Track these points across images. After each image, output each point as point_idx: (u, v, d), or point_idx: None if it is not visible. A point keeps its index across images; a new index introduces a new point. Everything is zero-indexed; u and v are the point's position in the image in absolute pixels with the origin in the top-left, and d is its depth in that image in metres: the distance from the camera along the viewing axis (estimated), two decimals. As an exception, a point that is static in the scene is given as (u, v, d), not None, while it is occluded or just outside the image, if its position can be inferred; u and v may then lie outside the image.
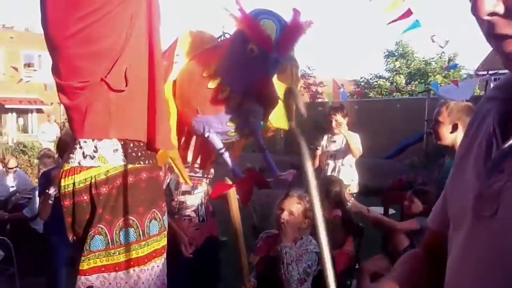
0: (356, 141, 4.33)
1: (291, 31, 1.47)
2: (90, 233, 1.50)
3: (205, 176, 3.02)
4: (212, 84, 1.63)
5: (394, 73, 26.05)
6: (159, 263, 1.59)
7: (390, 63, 26.52)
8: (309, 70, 19.32)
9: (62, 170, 1.57)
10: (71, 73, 1.50)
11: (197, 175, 2.87)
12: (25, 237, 3.94)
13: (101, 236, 1.50)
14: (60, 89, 1.54)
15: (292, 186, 1.85)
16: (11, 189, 5.55)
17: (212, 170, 3.11)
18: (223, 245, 3.56)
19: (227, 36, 1.77)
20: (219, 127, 1.73)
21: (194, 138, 2.08)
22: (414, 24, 5.21)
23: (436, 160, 4.43)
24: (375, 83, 25.78)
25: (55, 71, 1.54)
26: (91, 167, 1.51)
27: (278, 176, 1.79)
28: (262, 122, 1.86)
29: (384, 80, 25.67)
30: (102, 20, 1.44)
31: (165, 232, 1.62)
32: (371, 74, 27.15)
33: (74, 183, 1.52)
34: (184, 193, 3.11)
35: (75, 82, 1.49)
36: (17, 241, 3.87)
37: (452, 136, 2.87)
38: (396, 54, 26.65)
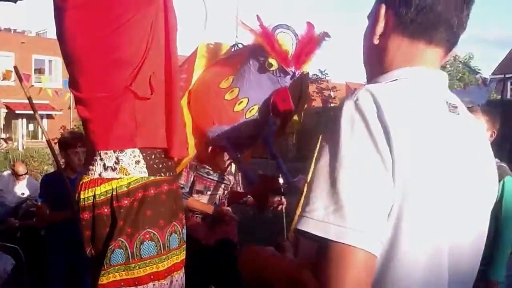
0: None
1: (307, 44, 1.51)
2: (110, 246, 1.48)
3: (219, 180, 3.07)
4: (229, 96, 1.68)
5: (408, 76, 25.89)
6: (178, 277, 1.58)
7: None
8: (321, 74, 19.26)
9: (81, 183, 1.55)
10: (93, 85, 1.49)
11: (210, 177, 2.93)
12: (35, 245, 3.94)
13: (121, 249, 1.48)
14: (80, 102, 1.53)
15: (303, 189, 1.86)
16: (22, 196, 5.58)
17: (231, 178, 3.16)
18: None
19: (240, 46, 1.79)
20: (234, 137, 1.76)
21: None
22: None
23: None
24: (389, 87, 25.66)
25: (74, 85, 1.53)
26: (112, 178, 1.50)
27: (290, 182, 1.82)
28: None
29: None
30: (122, 27, 1.44)
31: (184, 246, 1.61)
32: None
33: (94, 196, 1.51)
34: (198, 192, 3.14)
35: (99, 93, 1.48)
36: (28, 249, 3.88)
37: None
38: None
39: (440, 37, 0.96)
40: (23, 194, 5.64)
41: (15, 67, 3.70)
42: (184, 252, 1.61)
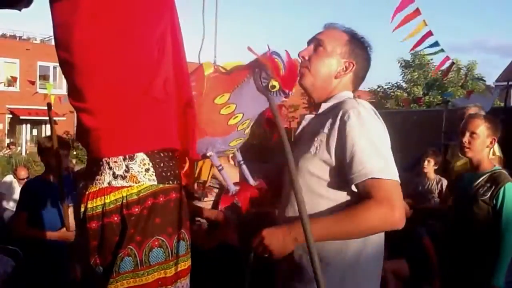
0: None
1: (292, 69, 1.69)
2: (120, 254, 1.47)
3: (215, 187, 3.10)
4: (225, 111, 1.76)
5: (412, 84, 25.96)
6: (184, 283, 1.58)
7: (408, 74, 26.44)
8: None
9: (88, 192, 1.53)
10: (105, 94, 1.47)
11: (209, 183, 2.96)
12: (36, 249, 3.95)
13: (130, 257, 1.48)
14: (85, 111, 1.51)
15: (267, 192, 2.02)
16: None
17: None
18: None
19: (219, 66, 1.93)
20: (221, 147, 1.85)
21: None
22: (433, 43, 5.30)
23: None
24: (392, 93, 25.70)
25: (78, 96, 1.50)
26: (122, 187, 1.50)
27: (253, 187, 1.96)
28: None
29: (402, 91, 25.58)
30: (139, 35, 1.46)
31: (190, 253, 1.62)
32: (389, 83, 27.08)
33: (104, 204, 1.50)
34: (194, 198, 3.17)
35: (112, 101, 1.47)
36: (28, 251, 3.89)
37: (486, 150, 2.87)
38: (413, 64, 26.59)
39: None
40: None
41: (48, 104, 3.67)
42: (190, 259, 1.61)
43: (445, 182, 4.63)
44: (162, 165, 1.55)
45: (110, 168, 1.51)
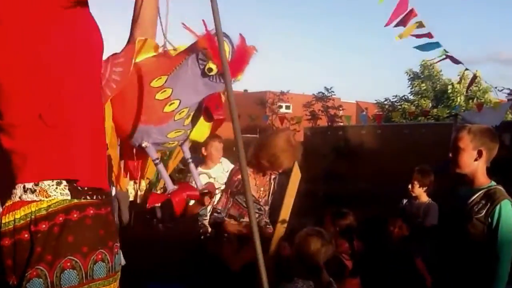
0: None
1: (243, 55, 1.61)
2: (26, 275, 1.41)
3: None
4: (161, 96, 1.70)
5: (419, 96, 26.00)
6: None
7: (416, 86, 26.48)
8: (328, 92, 19.34)
9: (4, 207, 1.50)
10: (9, 111, 1.45)
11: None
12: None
13: (41, 279, 1.42)
14: (3, 131, 1.48)
15: (212, 196, 2.09)
16: None
17: (266, 208, 3.39)
18: None
19: (169, 46, 1.87)
20: (158, 138, 1.80)
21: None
22: (435, 45, 5.32)
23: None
24: (399, 106, 25.71)
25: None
26: (32, 201, 1.45)
27: (200, 189, 1.98)
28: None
29: (409, 104, 25.59)
30: (36, 51, 1.43)
31: (115, 277, 1.54)
32: (396, 96, 27.12)
33: (14, 220, 1.45)
34: (231, 216, 3.25)
35: (14, 120, 1.45)
36: None
37: (475, 163, 2.80)
38: (422, 76, 26.65)
39: None
40: None
41: None
42: (116, 283, 1.55)
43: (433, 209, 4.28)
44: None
45: (21, 181, 1.47)
